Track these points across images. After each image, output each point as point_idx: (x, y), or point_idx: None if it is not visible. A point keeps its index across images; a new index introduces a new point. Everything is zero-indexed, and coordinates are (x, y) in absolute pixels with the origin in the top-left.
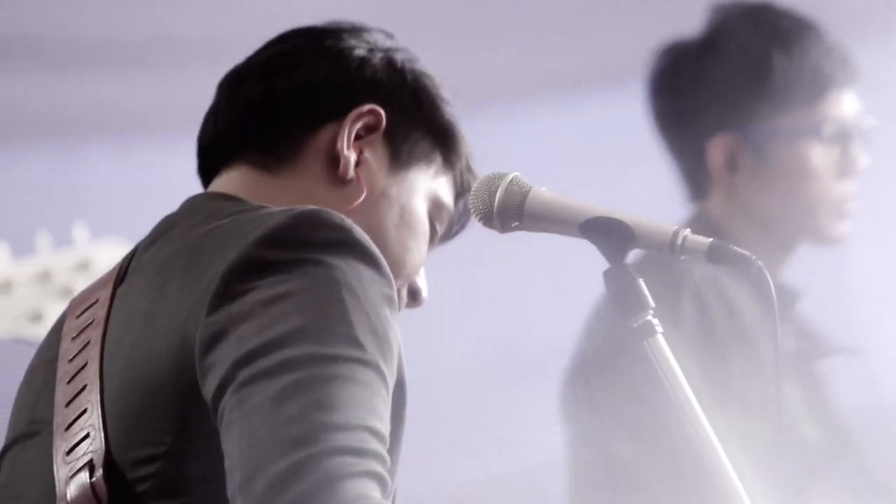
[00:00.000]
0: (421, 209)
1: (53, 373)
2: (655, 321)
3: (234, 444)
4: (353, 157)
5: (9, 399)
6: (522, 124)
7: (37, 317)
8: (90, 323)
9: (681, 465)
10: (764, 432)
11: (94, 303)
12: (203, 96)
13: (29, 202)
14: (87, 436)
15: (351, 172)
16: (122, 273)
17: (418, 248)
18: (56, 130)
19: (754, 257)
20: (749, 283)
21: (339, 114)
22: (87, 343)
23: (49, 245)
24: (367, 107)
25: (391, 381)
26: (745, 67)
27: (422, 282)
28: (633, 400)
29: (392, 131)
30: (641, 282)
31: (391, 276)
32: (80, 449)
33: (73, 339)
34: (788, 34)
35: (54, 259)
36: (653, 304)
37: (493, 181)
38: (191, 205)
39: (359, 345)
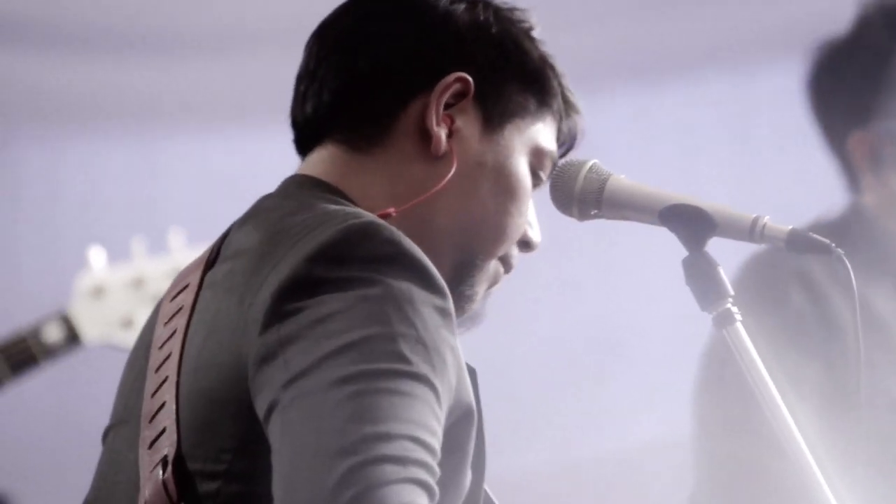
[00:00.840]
0: (520, 168)
1: (147, 359)
2: (734, 309)
3: (279, 467)
4: (443, 132)
5: (102, 405)
6: (603, 109)
7: (128, 323)
8: (179, 310)
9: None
10: (891, 424)
11: (186, 287)
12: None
13: (125, 207)
14: (164, 430)
15: (443, 148)
16: (214, 256)
17: (520, 210)
18: (152, 131)
19: (833, 245)
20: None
21: (426, 85)
22: (174, 332)
23: (144, 250)
24: (453, 76)
25: (445, 391)
26: (884, 63)
27: (533, 231)
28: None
29: (482, 92)
30: (721, 270)
31: (444, 287)
32: (159, 442)
33: (165, 324)
34: None
35: (148, 265)
36: (732, 292)
37: (572, 169)
38: (284, 188)
39: (404, 358)
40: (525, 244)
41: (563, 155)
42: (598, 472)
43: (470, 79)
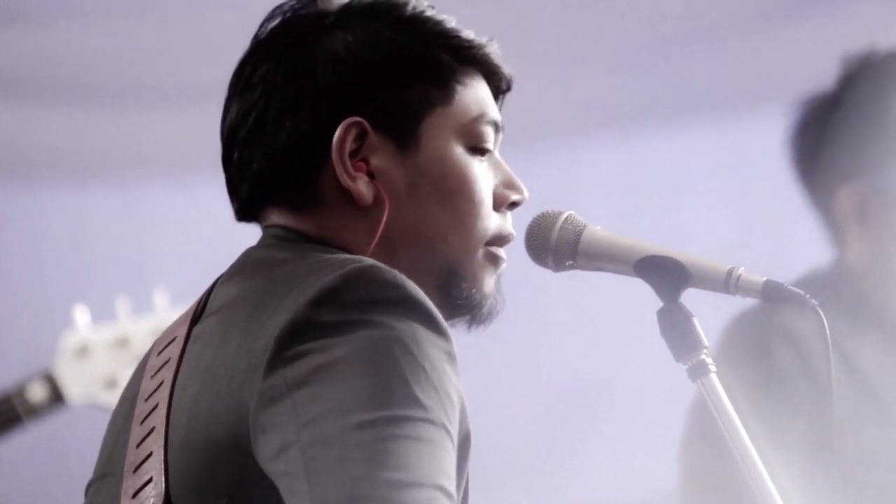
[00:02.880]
0: (454, 162)
1: (132, 411)
2: (709, 360)
3: None
4: (361, 180)
5: (85, 465)
6: (579, 159)
7: (112, 383)
8: (166, 362)
9: None
10: (876, 478)
11: (173, 340)
12: None
13: (110, 266)
14: (150, 480)
15: (368, 197)
16: (200, 310)
17: (475, 200)
18: (136, 182)
19: (808, 296)
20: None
21: (325, 148)
22: (161, 384)
23: (128, 310)
24: (342, 128)
25: (455, 432)
26: (870, 116)
27: (513, 190)
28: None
29: (379, 119)
30: (695, 321)
31: (447, 329)
32: (144, 493)
33: (152, 377)
34: None
35: (133, 325)
36: (706, 343)
37: (548, 220)
38: (266, 240)
39: (419, 403)
40: (513, 205)
41: (505, 91)
42: None
43: (359, 118)
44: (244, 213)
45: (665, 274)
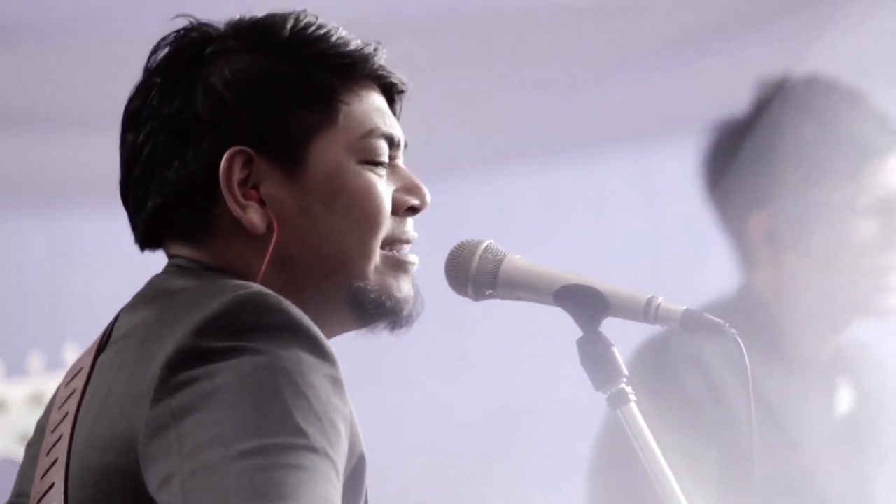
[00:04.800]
0: (348, 178)
1: (41, 443)
2: (629, 389)
3: None
4: (251, 208)
5: None
6: (498, 188)
7: (27, 439)
8: (72, 393)
9: None
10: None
11: (79, 371)
12: None
13: (22, 320)
14: None
15: (260, 223)
16: (106, 339)
17: (369, 211)
18: (56, 213)
19: (727, 325)
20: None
21: (212, 181)
22: (66, 415)
23: (41, 365)
24: (225, 159)
25: (341, 462)
26: (782, 143)
27: (411, 194)
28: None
29: (264, 148)
30: (615, 350)
31: (332, 354)
32: None
33: (59, 408)
34: (826, 108)
35: (46, 381)
36: (626, 373)
37: (467, 250)
38: (168, 268)
39: (301, 431)
40: (412, 210)
41: (396, 96)
42: None
43: (242, 147)
44: (145, 245)
45: (584, 303)
